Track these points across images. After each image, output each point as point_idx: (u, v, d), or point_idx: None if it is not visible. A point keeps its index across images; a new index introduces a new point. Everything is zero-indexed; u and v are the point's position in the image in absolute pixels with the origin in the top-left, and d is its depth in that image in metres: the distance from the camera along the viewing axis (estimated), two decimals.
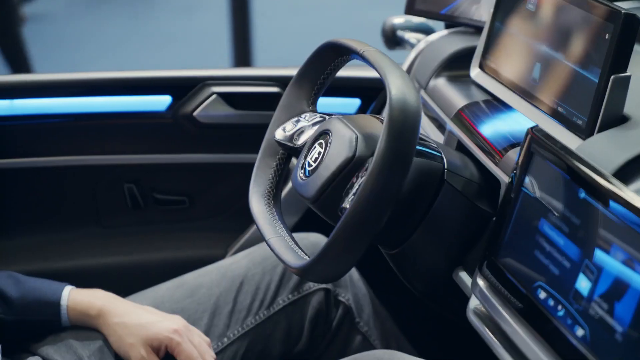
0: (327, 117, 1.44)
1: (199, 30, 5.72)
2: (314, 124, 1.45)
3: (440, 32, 1.85)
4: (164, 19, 6.01)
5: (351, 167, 1.32)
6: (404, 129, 1.20)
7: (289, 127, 1.49)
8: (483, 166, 1.44)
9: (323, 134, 1.39)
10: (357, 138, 1.33)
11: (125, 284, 1.75)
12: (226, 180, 2.05)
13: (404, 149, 1.20)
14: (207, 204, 2.06)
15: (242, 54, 4.26)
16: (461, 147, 1.53)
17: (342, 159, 1.32)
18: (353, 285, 1.75)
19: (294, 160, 1.48)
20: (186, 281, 1.70)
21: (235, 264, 1.73)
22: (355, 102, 2.01)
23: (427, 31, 2.08)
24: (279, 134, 1.49)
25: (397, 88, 1.22)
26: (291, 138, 1.47)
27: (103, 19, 5.98)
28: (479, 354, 1.85)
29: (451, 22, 1.81)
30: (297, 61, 1.57)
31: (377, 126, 1.38)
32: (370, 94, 2.00)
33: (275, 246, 1.35)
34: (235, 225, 2.04)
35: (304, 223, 1.98)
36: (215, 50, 5.15)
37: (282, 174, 1.49)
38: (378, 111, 1.99)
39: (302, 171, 1.39)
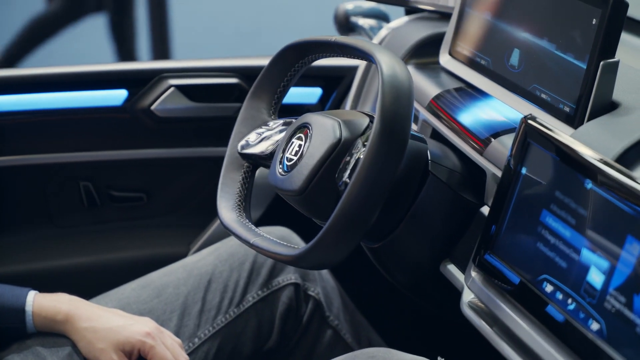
0: (293, 120, 1.40)
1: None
2: (280, 131, 1.42)
3: (402, 18, 1.81)
4: None
5: (338, 150, 1.30)
6: (401, 90, 1.20)
7: (253, 137, 1.45)
8: (464, 156, 1.41)
9: (301, 128, 1.35)
10: (339, 124, 1.32)
11: (86, 286, 1.70)
12: (186, 175, 2.00)
13: (403, 111, 1.19)
14: (167, 200, 2.01)
15: (160, 39, 4.17)
16: (435, 137, 1.51)
17: (328, 144, 1.30)
18: (322, 279, 1.73)
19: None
20: (152, 281, 1.66)
21: (202, 262, 1.69)
22: (317, 91, 1.97)
23: (380, 16, 2.05)
24: (242, 146, 1.45)
25: (385, 61, 1.23)
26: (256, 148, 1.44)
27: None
28: (449, 344, 1.84)
29: (415, 8, 1.77)
30: (217, 47, 1.51)
31: (357, 113, 1.36)
32: (332, 82, 1.97)
33: (261, 245, 1.31)
34: (197, 221, 2.00)
35: (266, 218, 1.95)
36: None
37: (250, 187, 1.46)
38: (340, 100, 1.96)
39: (281, 166, 1.35)
